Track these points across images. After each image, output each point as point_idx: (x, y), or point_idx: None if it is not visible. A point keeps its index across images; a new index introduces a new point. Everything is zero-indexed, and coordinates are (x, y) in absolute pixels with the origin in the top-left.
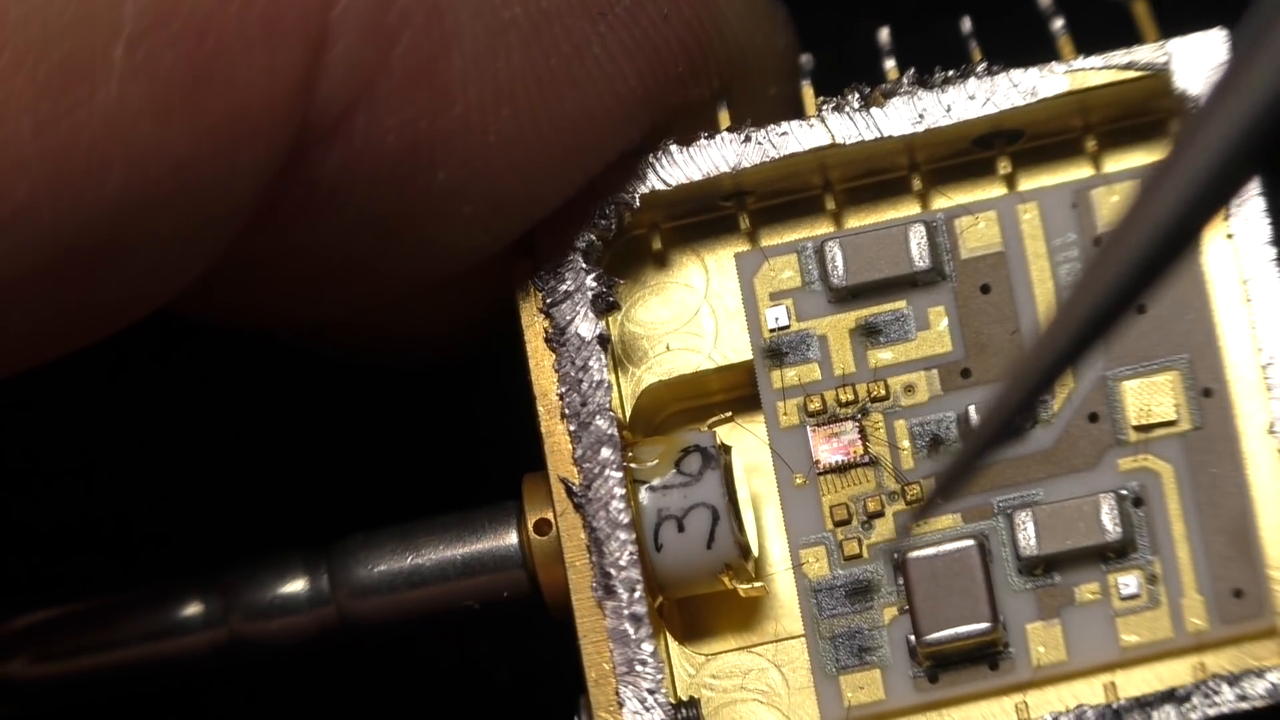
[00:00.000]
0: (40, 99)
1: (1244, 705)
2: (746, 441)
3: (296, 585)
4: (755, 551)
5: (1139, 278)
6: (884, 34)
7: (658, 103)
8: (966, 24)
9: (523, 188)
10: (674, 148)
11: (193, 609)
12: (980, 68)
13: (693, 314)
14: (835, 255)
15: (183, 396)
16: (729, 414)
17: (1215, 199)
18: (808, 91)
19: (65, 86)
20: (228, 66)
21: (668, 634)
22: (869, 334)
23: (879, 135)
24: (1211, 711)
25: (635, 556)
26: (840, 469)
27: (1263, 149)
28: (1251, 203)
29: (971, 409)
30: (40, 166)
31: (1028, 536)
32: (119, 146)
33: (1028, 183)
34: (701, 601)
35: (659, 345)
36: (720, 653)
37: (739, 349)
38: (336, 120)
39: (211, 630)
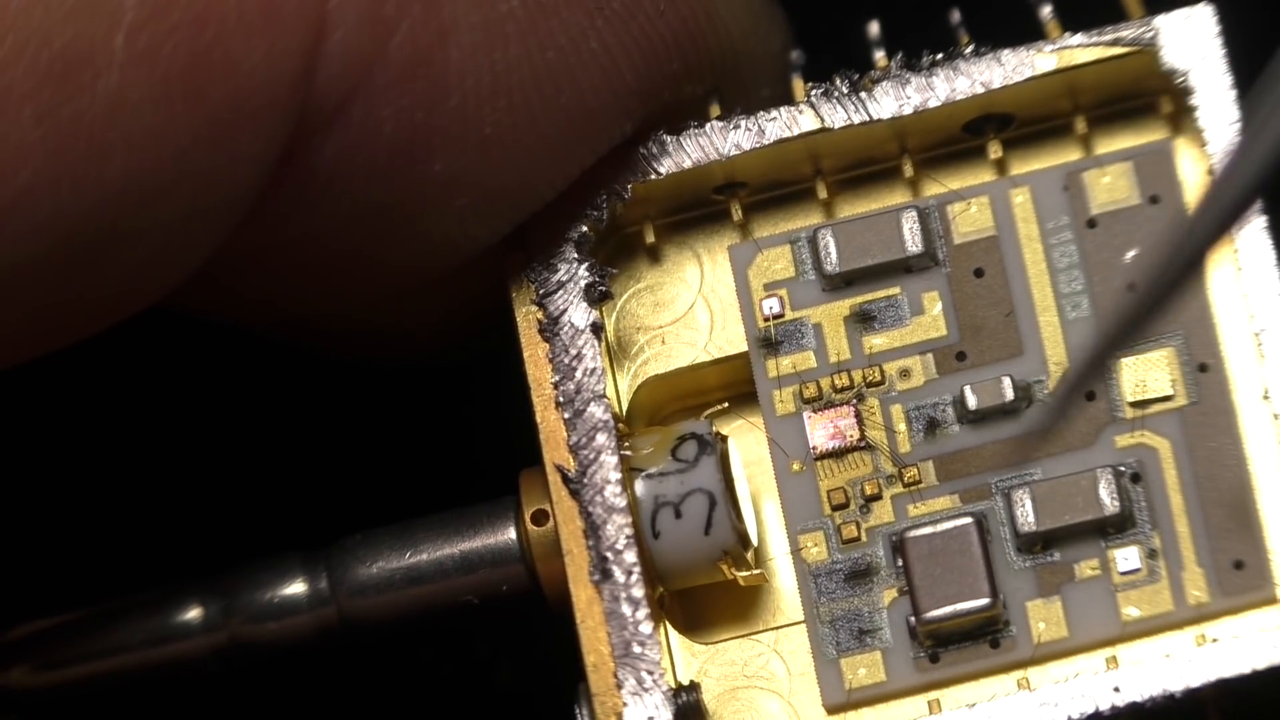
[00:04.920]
0: (41, 87)
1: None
2: (745, 439)
3: (296, 586)
4: (754, 542)
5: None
6: (874, 27)
7: (652, 98)
8: (956, 15)
9: (518, 179)
10: (664, 137)
11: (192, 613)
12: (968, 50)
13: (688, 308)
14: (828, 242)
15: (179, 399)
16: (725, 403)
17: None
18: (797, 82)
19: (66, 74)
20: (228, 54)
21: (669, 625)
22: (863, 320)
23: (868, 119)
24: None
25: (632, 539)
26: (837, 454)
27: None
28: None
29: (968, 390)
30: (41, 154)
31: (1025, 513)
32: (120, 134)
33: (1019, 168)
34: (702, 593)
35: (655, 340)
36: (721, 641)
37: (735, 341)
38: (334, 110)
39: (212, 634)
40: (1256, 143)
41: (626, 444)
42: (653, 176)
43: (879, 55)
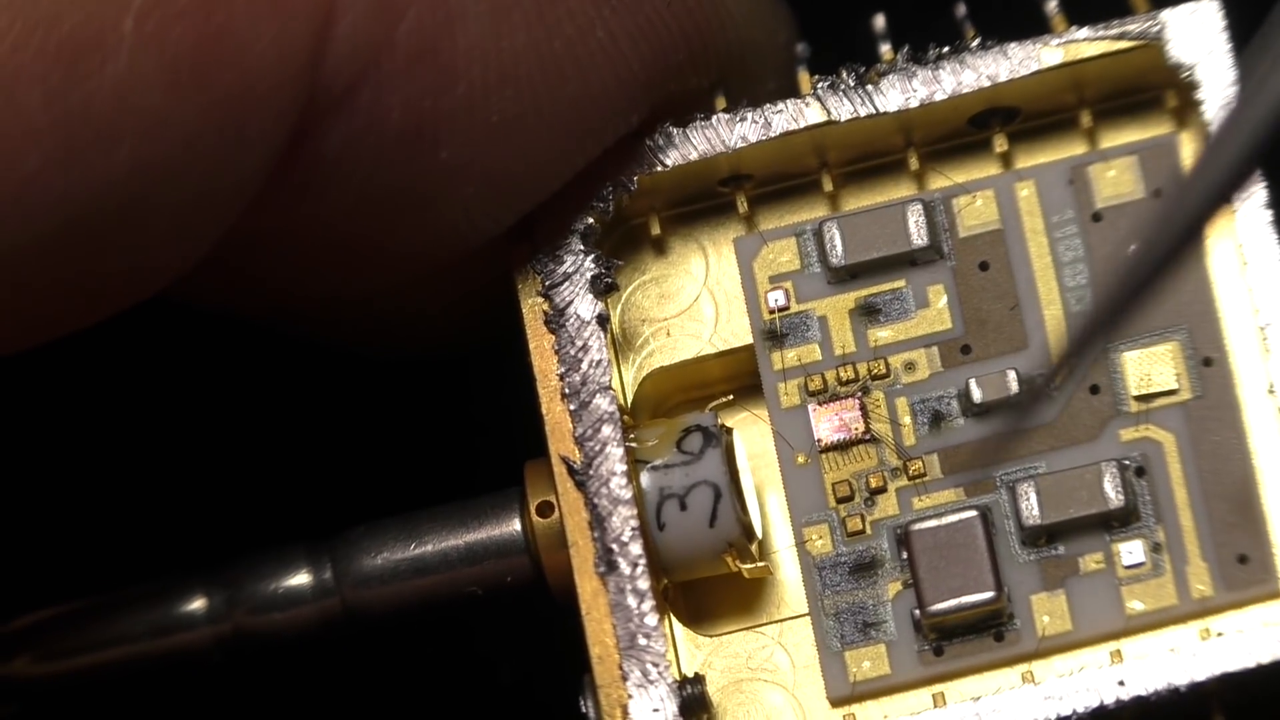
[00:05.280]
0: (50, 71)
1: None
2: (749, 432)
3: (300, 577)
4: (759, 534)
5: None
6: (879, 20)
7: (658, 89)
8: (961, 9)
9: (524, 169)
10: (670, 129)
11: (196, 603)
12: (974, 43)
13: (693, 300)
14: (834, 235)
15: (182, 391)
16: (729, 395)
17: None
18: (803, 74)
19: (75, 58)
20: (236, 39)
21: (673, 617)
22: (868, 313)
23: (874, 111)
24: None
25: (637, 531)
26: (842, 447)
27: None
28: None
29: (973, 383)
30: (51, 138)
31: (1030, 506)
32: (129, 118)
33: (1024, 161)
34: (706, 585)
35: (660, 332)
36: (725, 633)
37: (740, 333)
38: (341, 96)
39: (215, 624)
40: (1254, 104)
41: (632, 436)
42: (658, 168)
43: (885, 49)
